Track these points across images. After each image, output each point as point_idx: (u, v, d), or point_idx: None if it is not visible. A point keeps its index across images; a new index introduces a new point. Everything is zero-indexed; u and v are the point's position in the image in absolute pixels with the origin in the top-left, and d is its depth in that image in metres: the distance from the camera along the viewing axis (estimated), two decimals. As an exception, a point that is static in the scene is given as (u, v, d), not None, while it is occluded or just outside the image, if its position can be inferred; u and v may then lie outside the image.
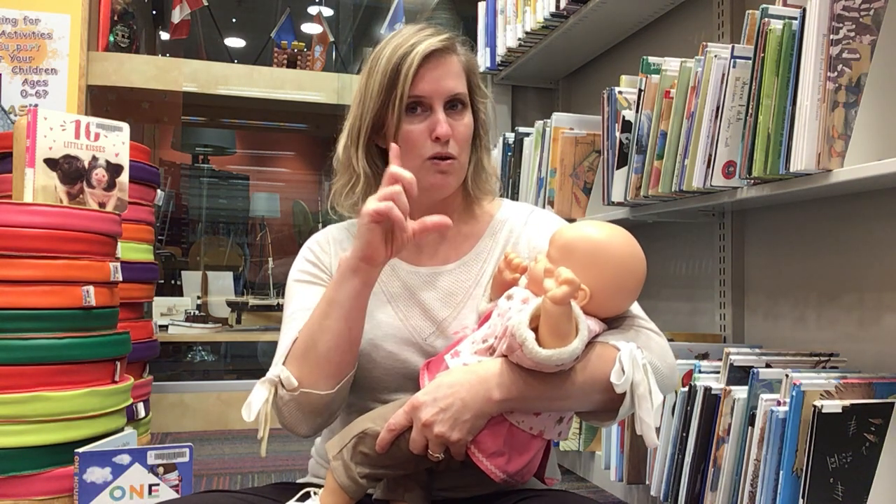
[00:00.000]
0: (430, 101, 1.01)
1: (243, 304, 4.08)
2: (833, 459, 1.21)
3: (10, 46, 2.64)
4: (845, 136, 1.24)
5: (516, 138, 2.46)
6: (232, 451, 2.50)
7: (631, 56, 2.42)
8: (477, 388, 0.85)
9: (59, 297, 1.67)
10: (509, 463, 0.86)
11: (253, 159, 6.44)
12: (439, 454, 0.85)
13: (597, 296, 0.88)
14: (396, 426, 0.86)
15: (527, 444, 0.87)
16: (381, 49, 1.03)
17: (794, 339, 1.71)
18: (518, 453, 0.87)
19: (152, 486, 1.56)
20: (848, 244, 1.58)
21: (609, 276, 0.89)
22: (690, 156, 1.54)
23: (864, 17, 1.24)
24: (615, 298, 0.92)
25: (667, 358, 0.94)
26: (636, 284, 0.92)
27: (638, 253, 0.92)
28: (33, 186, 1.76)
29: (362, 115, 1.03)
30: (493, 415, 0.86)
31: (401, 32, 1.04)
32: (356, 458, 0.88)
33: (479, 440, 0.85)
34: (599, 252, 0.89)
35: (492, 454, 0.86)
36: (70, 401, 1.64)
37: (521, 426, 0.87)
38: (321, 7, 4.62)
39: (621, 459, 1.72)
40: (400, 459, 0.88)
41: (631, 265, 0.91)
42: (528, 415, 0.87)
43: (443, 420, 0.83)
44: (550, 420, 0.89)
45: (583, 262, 0.88)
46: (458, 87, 1.03)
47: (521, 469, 0.87)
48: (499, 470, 0.85)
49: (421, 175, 0.99)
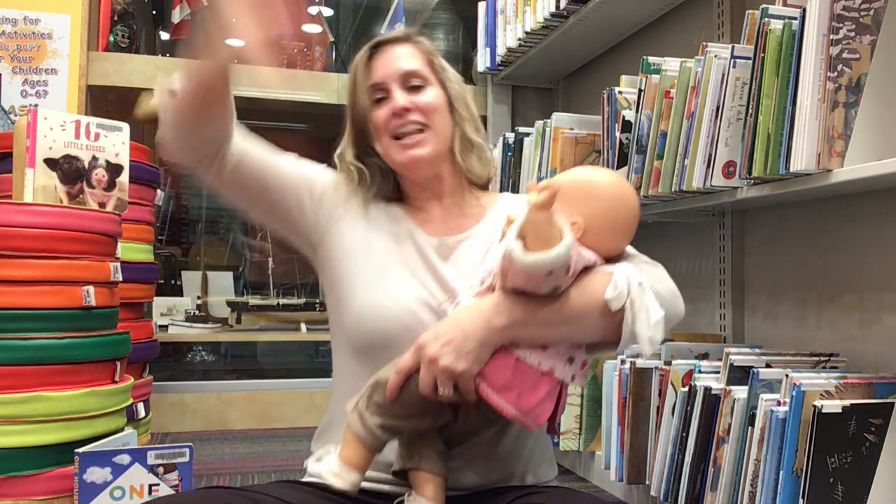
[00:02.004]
0: (387, 84, 1.07)
1: (243, 304, 4.07)
2: (833, 459, 1.21)
3: (10, 46, 2.64)
4: (845, 136, 1.24)
5: (516, 138, 2.45)
6: (232, 451, 2.50)
7: (631, 56, 2.42)
8: (478, 319, 0.87)
9: (59, 297, 1.67)
10: (520, 398, 0.86)
11: (253, 159, 6.42)
12: (448, 390, 0.86)
13: (591, 230, 0.92)
14: (404, 368, 0.89)
15: (536, 381, 0.88)
16: None
17: (794, 339, 1.71)
18: (529, 390, 0.87)
19: (152, 486, 1.56)
20: (848, 244, 1.58)
21: (600, 209, 0.93)
22: (690, 156, 1.54)
23: (864, 17, 1.24)
24: (610, 234, 0.95)
25: (665, 283, 0.96)
26: (629, 220, 0.95)
27: (628, 190, 0.97)
28: (33, 186, 1.76)
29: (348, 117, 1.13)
30: (497, 344, 0.87)
31: None
32: (371, 408, 0.89)
33: (486, 373, 0.87)
34: (588, 187, 0.94)
35: (501, 388, 0.86)
36: (70, 401, 1.64)
37: (529, 360, 0.88)
38: (321, 7, 4.62)
39: (621, 459, 1.72)
40: (411, 404, 0.88)
41: (620, 198, 0.95)
42: (535, 349, 0.88)
43: (447, 353, 0.86)
44: (559, 358, 0.89)
45: (574, 198, 0.92)
46: (410, 66, 1.09)
47: (534, 407, 0.87)
48: (510, 405, 0.86)
49: (394, 157, 1.07)
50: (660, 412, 1.61)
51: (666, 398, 1.58)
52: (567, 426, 2.04)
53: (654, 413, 1.64)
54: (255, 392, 2.94)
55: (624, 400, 1.73)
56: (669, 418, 1.55)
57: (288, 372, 3.57)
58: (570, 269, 0.86)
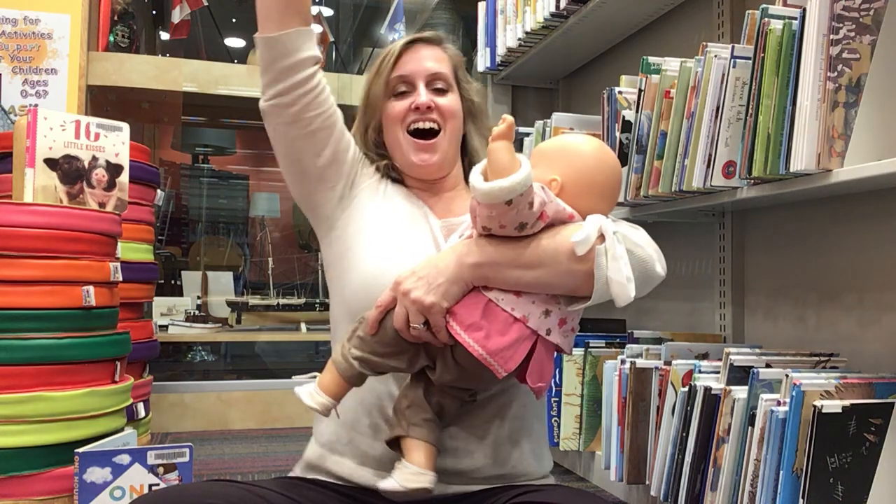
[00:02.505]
0: (413, 78, 1.10)
1: (243, 304, 4.08)
2: (833, 459, 1.21)
3: (10, 46, 2.64)
4: (845, 136, 1.24)
5: (516, 138, 2.45)
6: (232, 451, 2.50)
7: (631, 56, 2.42)
8: (451, 257, 0.92)
9: (59, 297, 1.67)
10: (488, 339, 0.87)
11: (253, 159, 6.43)
12: (419, 325, 0.89)
13: (569, 187, 0.94)
14: (383, 302, 0.93)
15: (507, 325, 0.89)
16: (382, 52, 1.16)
17: (794, 339, 1.71)
18: (498, 333, 0.88)
19: (152, 486, 1.56)
20: (848, 244, 1.58)
21: (579, 168, 0.95)
22: (690, 156, 1.54)
23: (864, 17, 1.24)
24: (588, 194, 0.96)
25: (645, 237, 0.96)
26: (609, 181, 0.97)
27: (608, 153, 0.99)
28: (33, 186, 1.76)
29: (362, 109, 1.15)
30: (468, 282, 0.91)
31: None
32: (353, 341, 0.94)
33: (455, 311, 0.89)
34: (568, 147, 0.98)
35: (469, 326, 0.88)
36: (70, 401, 1.64)
37: (501, 304, 0.90)
38: (321, 7, 4.62)
39: (621, 459, 1.72)
40: (388, 343, 0.92)
41: (600, 158, 0.97)
42: (508, 293, 0.90)
43: (419, 286, 0.90)
44: (535, 308, 0.90)
45: (554, 157, 0.96)
46: (439, 68, 1.11)
47: (501, 350, 0.88)
48: (477, 344, 0.87)
49: (405, 151, 1.10)
50: (660, 412, 1.61)
51: (666, 398, 1.58)
52: (567, 426, 2.04)
53: (654, 413, 1.64)
54: (255, 392, 2.94)
55: (624, 400, 1.73)
56: (669, 418, 1.55)
57: (288, 372, 3.57)
58: (533, 204, 0.87)
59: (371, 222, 1.10)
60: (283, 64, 1.05)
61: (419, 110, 1.09)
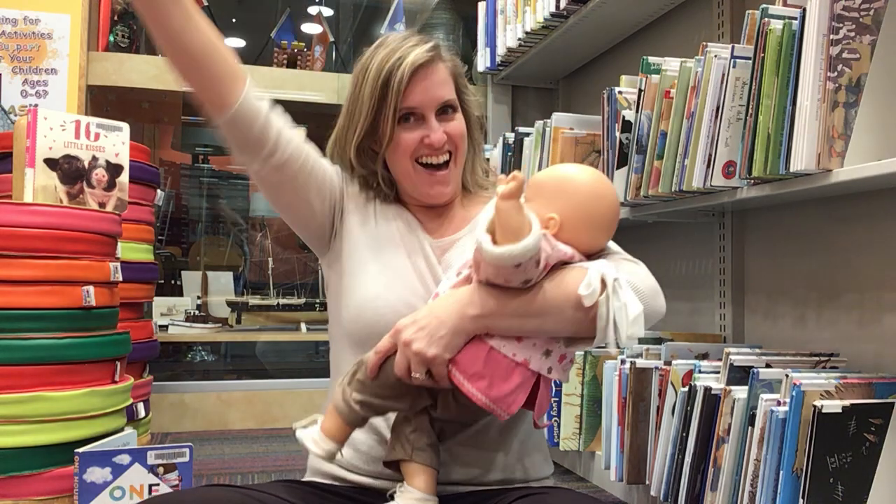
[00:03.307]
0: (422, 110, 1.05)
1: (243, 304, 4.07)
2: (833, 459, 1.21)
3: (10, 46, 2.64)
4: (845, 136, 1.24)
5: (516, 138, 2.45)
6: (232, 451, 2.50)
7: (631, 56, 2.42)
8: (452, 307, 0.90)
9: (59, 297, 1.67)
10: (491, 387, 0.87)
11: (253, 159, 6.42)
12: (420, 374, 0.88)
13: (568, 224, 0.92)
14: (382, 349, 0.92)
15: (509, 371, 0.88)
16: (369, 59, 1.07)
17: (794, 339, 1.71)
18: (500, 379, 0.88)
19: (152, 486, 1.56)
20: (848, 244, 1.58)
21: (577, 204, 0.93)
22: (690, 156, 1.54)
23: (864, 17, 1.24)
24: (587, 229, 0.95)
25: (646, 280, 0.97)
26: (607, 215, 0.96)
27: (606, 185, 0.97)
28: (33, 186, 1.76)
29: (353, 122, 1.08)
30: (470, 332, 0.89)
31: (386, 42, 1.07)
32: (353, 384, 0.93)
33: (458, 360, 0.88)
34: (566, 182, 0.95)
35: (472, 376, 0.88)
36: (70, 401, 1.64)
37: (503, 351, 0.89)
38: (321, 7, 4.61)
39: (621, 459, 1.72)
40: (388, 386, 0.91)
41: (598, 193, 0.95)
42: (510, 340, 0.89)
43: (420, 337, 0.88)
44: (535, 350, 0.89)
45: (551, 192, 0.94)
46: (447, 94, 1.07)
47: (505, 396, 0.87)
48: (480, 393, 0.87)
49: (417, 180, 1.07)
50: (660, 412, 1.61)
51: (666, 398, 1.58)
52: (567, 426, 2.04)
53: (654, 413, 1.64)
54: (255, 392, 2.94)
55: (624, 400, 1.73)
56: (669, 418, 1.55)
57: (288, 372, 3.57)
58: (540, 262, 0.86)
59: (364, 250, 1.09)
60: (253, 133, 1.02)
61: (433, 146, 1.05)
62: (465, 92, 1.12)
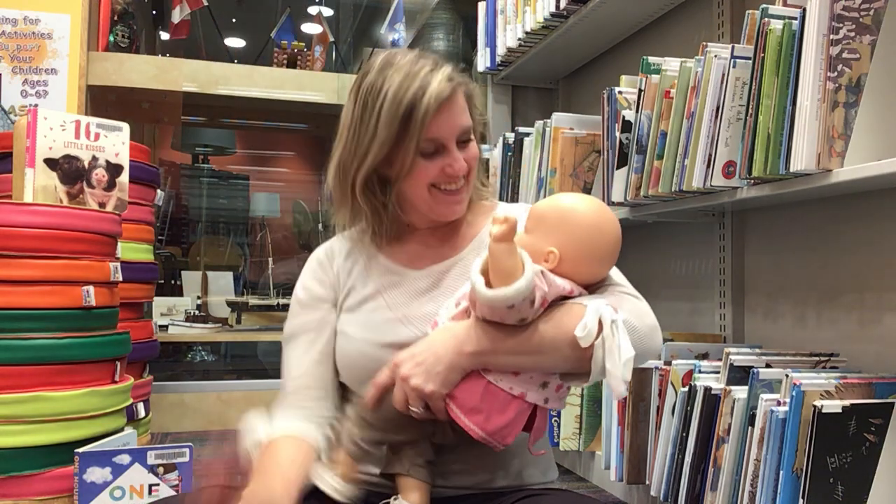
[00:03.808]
0: (444, 141, 1.01)
1: (243, 304, 4.08)
2: (833, 459, 1.21)
3: (10, 46, 2.64)
4: (845, 136, 1.24)
5: (516, 138, 2.45)
6: (232, 451, 2.50)
7: (631, 56, 2.42)
8: (450, 343, 0.89)
9: (59, 297, 1.67)
10: (488, 421, 0.87)
11: (253, 159, 6.43)
12: (419, 409, 0.89)
13: (567, 258, 0.92)
14: (379, 383, 0.92)
15: (506, 404, 0.89)
16: (379, 82, 1.00)
17: (794, 339, 1.71)
18: (497, 412, 0.88)
19: (152, 486, 1.56)
20: (848, 244, 1.58)
21: (578, 237, 0.93)
22: (690, 156, 1.54)
23: (864, 17, 1.24)
24: (588, 262, 0.94)
25: (644, 318, 0.95)
26: (608, 247, 0.95)
27: (607, 217, 0.95)
28: (33, 186, 1.76)
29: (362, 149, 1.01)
30: (467, 368, 0.89)
31: (396, 64, 1.01)
32: (357, 423, 0.94)
33: (455, 395, 0.89)
34: (567, 215, 0.94)
35: (469, 410, 0.88)
36: (70, 401, 1.64)
37: (500, 384, 0.89)
38: (321, 7, 4.62)
39: (621, 459, 1.72)
40: (389, 419, 0.92)
41: (599, 226, 0.94)
42: (506, 374, 0.89)
43: (418, 373, 0.88)
44: (532, 383, 0.90)
45: (552, 225, 0.93)
46: (466, 122, 1.04)
47: (501, 429, 0.88)
48: (477, 427, 0.87)
49: (432, 203, 1.04)
50: (660, 412, 1.61)
51: (666, 398, 1.58)
52: (567, 426, 2.04)
53: (654, 413, 1.64)
54: (255, 392, 2.94)
55: (624, 400, 1.73)
56: (669, 418, 1.55)
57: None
58: (535, 301, 0.86)
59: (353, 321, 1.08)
60: None
61: (454, 175, 1.02)
62: (475, 111, 1.08)
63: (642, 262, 2.29)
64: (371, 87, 1.01)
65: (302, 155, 6.50)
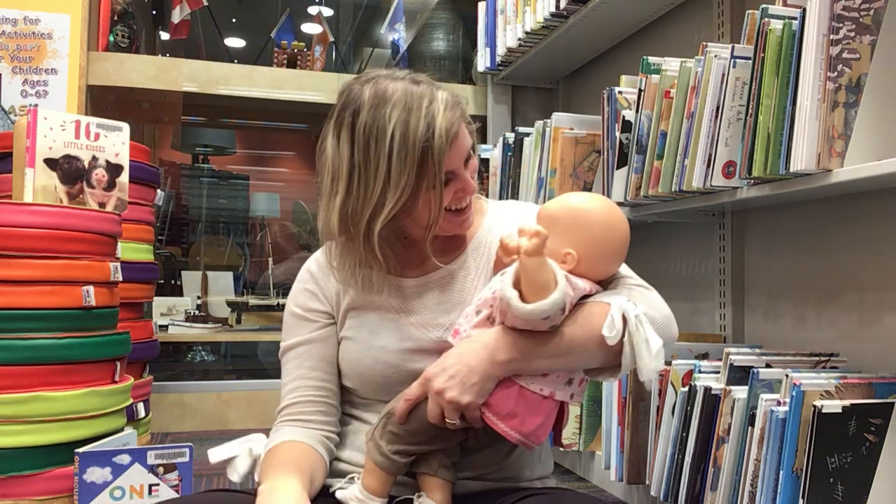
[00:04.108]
0: (456, 169, 0.99)
1: (243, 304, 4.08)
2: (833, 459, 1.21)
3: (10, 46, 2.64)
4: (845, 136, 1.24)
5: (516, 138, 2.45)
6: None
7: (631, 56, 2.42)
8: (482, 354, 0.89)
9: (59, 297, 1.67)
10: (523, 424, 0.89)
11: (253, 159, 6.43)
12: (455, 420, 0.89)
13: (584, 258, 0.94)
14: (412, 396, 0.92)
15: (538, 405, 0.90)
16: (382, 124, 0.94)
17: (794, 339, 1.71)
18: (531, 414, 0.90)
19: (152, 486, 1.56)
20: (848, 244, 1.58)
21: (593, 237, 0.94)
22: (690, 156, 1.54)
23: (864, 17, 1.24)
24: (602, 260, 0.96)
25: (661, 308, 0.97)
26: (620, 244, 0.97)
27: (618, 214, 0.97)
28: (33, 186, 1.76)
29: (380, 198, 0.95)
30: (500, 377, 0.90)
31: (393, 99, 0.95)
32: (385, 436, 0.93)
33: (491, 403, 0.90)
34: (580, 216, 0.95)
35: (505, 416, 0.89)
36: (70, 401, 1.64)
37: (531, 388, 0.90)
38: (321, 7, 4.61)
39: (621, 459, 1.72)
40: (422, 431, 0.92)
41: (612, 225, 0.96)
42: (536, 377, 0.90)
43: (453, 386, 0.88)
44: (559, 381, 0.91)
45: (566, 227, 0.94)
46: (469, 142, 1.01)
47: (536, 430, 0.90)
48: (514, 431, 0.89)
49: (446, 224, 1.01)
50: (660, 412, 1.61)
51: (666, 398, 1.58)
52: (567, 426, 2.04)
53: (654, 413, 1.64)
54: (255, 392, 2.94)
55: (624, 400, 1.73)
56: (669, 418, 1.55)
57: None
58: (565, 308, 0.88)
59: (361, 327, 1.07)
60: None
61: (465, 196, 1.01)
62: (470, 126, 1.05)
63: (642, 262, 2.29)
64: (369, 128, 0.94)
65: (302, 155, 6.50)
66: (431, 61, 3.31)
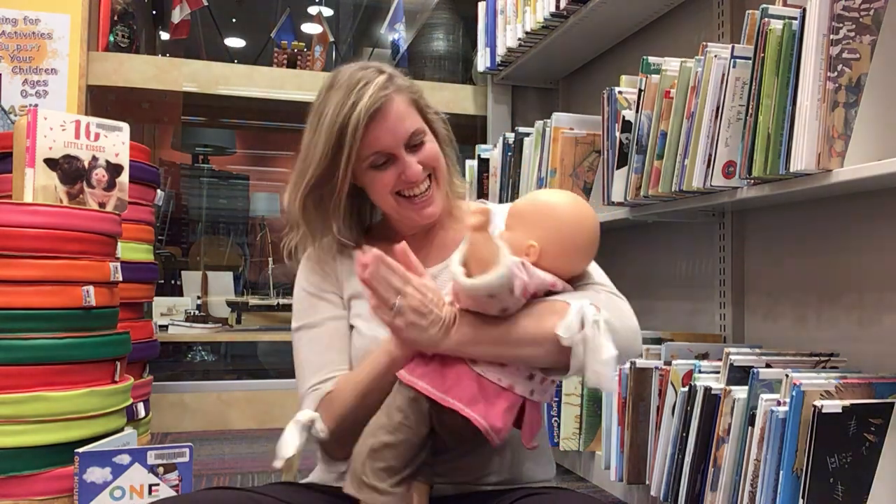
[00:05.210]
0: (391, 150, 1.03)
1: (243, 304, 4.08)
2: (833, 459, 1.21)
3: (10, 46, 2.64)
4: (845, 136, 1.24)
5: (516, 138, 2.46)
6: (232, 451, 2.50)
7: (631, 56, 2.42)
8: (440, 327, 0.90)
9: (59, 297, 1.67)
10: (488, 412, 0.89)
11: (253, 159, 6.43)
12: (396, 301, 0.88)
13: (547, 251, 0.93)
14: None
15: (497, 395, 0.90)
16: (323, 103, 1.04)
17: (794, 339, 1.71)
18: (491, 404, 0.89)
19: (152, 486, 1.56)
20: (848, 244, 1.58)
21: (557, 231, 0.94)
22: (690, 156, 1.54)
23: (864, 17, 1.24)
24: (566, 254, 0.95)
25: (626, 320, 0.97)
26: (585, 240, 0.96)
27: (584, 211, 0.97)
28: (33, 186, 1.76)
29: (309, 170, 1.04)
30: (445, 351, 0.90)
31: (338, 81, 1.04)
32: (379, 476, 0.89)
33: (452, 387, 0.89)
34: (545, 209, 0.96)
35: (469, 401, 0.89)
36: (70, 401, 1.64)
37: (488, 376, 0.90)
38: (321, 7, 4.62)
39: (621, 459, 1.72)
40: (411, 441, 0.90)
41: (578, 220, 0.96)
42: (493, 365, 0.90)
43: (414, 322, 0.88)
44: (519, 374, 0.91)
45: (532, 220, 0.95)
46: (412, 126, 1.04)
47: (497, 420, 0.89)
48: (480, 416, 0.88)
49: (401, 210, 1.06)
50: (660, 412, 1.61)
51: (666, 398, 1.58)
52: (567, 426, 2.04)
53: (654, 413, 1.64)
54: (255, 392, 2.94)
55: (624, 400, 1.73)
56: (669, 418, 1.55)
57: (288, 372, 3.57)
58: (514, 290, 0.87)
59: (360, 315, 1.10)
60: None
61: (410, 181, 1.04)
62: (428, 112, 1.09)
63: (642, 262, 2.29)
64: (315, 109, 1.06)
65: (301, 154, 6.48)
66: (431, 61, 3.31)
